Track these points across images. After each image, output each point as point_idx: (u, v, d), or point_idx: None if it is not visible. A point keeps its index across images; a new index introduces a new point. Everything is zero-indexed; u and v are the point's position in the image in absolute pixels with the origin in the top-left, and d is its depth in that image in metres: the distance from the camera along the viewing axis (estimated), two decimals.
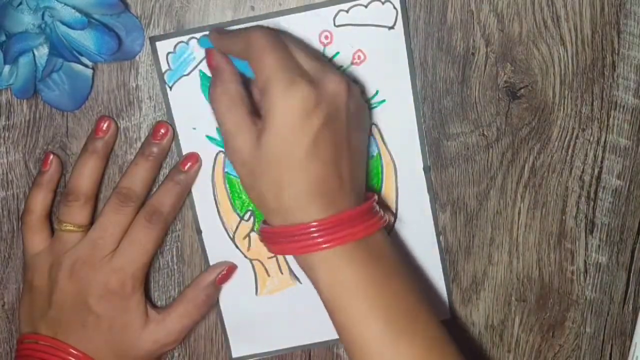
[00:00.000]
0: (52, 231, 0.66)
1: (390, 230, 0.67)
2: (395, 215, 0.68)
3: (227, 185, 0.67)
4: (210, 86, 0.62)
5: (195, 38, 0.65)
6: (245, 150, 0.59)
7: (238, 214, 0.67)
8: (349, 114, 0.60)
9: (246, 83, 0.62)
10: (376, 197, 0.62)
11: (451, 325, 0.69)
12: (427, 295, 0.67)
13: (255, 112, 0.60)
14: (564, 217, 0.68)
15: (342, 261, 0.58)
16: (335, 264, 0.58)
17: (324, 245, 0.57)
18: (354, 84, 0.61)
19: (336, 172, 0.58)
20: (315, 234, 0.57)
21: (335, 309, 0.58)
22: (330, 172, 0.58)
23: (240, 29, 0.63)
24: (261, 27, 0.61)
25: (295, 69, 0.58)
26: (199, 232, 0.68)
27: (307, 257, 0.59)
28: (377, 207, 0.61)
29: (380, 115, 0.66)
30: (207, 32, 0.65)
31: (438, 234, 0.68)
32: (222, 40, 0.62)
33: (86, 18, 0.61)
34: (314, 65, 0.59)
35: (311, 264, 0.58)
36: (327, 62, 0.61)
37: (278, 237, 0.59)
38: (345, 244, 0.57)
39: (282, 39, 0.60)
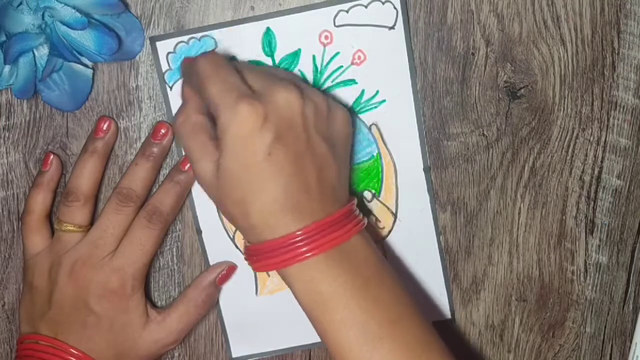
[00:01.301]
0: (52, 231, 0.66)
1: (388, 233, 0.67)
2: (395, 215, 0.68)
3: None
4: (175, 118, 0.62)
5: (195, 38, 0.65)
6: (208, 175, 0.59)
7: None
8: (307, 121, 0.58)
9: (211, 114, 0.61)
10: (355, 201, 0.61)
11: (451, 326, 0.69)
12: (426, 296, 0.67)
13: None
14: (564, 217, 0.68)
15: (316, 271, 0.57)
16: (309, 275, 0.57)
17: (292, 260, 0.57)
18: (313, 90, 0.60)
19: (300, 183, 0.58)
20: (285, 249, 0.57)
21: (313, 319, 0.58)
22: (293, 183, 0.57)
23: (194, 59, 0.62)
24: (208, 54, 0.61)
25: (238, 88, 0.58)
26: (199, 232, 0.68)
27: (281, 272, 0.58)
28: (356, 212, 0.60)
29: (380, 116, 0.66)
30: (206, 34, 0.65)
31: (438, 234, 0.68)
32: (184, 75, 0.63)
33: (86, 18, 0.61)
34: (262, 82, 0.59)
35: (287, 276, 0.58)
36: (281, 77, 0.60)
37: (257, 255, 0.59)
38: (317, 255, 0.57)
39: (227, 63, 0.60)
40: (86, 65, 0.64)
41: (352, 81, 0.66)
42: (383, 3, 0.65)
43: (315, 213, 0.58)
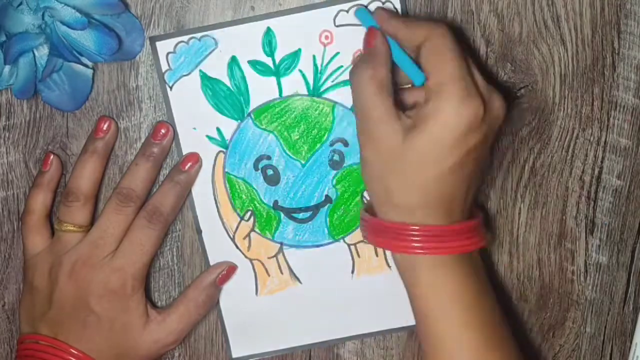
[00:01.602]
0: (53, 231, 0.66)
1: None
2: None
3: (227, 185, 0.67)
4: (359, 65, 0.60)
5: (196, 38, 0.65)
6: (387, 142, 0.58)
7: (238, 214, 0.67)
8: (494, 137, 0.60)
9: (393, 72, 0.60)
10: (482, 216, 0.62)
11: None
12: None
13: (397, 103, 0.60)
14: (564, 217, 0.68)
15: (447, 269, 0.58)
16: (440, 270, 0.58)
17: (430, 251, 0.58)
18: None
19: (466, 187, 0.59)
20: (425, 238, 0.58)
21: (430, 314, 0.59)
22: (462, 185, 0.59)
23: (414, 19, 0.61)
24: (443, 25, 0.59)
25: (472, 83, 0.57)
26: (199, 232, 0.68)
27: (410, 257, 0.59)
28: (482, 226, 0.62)
29: None
30: (206, 33, 0.65)
31: None
32: (392, 22, 0.61)
33: (86, 18, 0.61)
34: (483, 84, 0.59)
35: (413, 264, 0.59)
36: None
37: (386, 231, 0.59)
38: (454, 253, 0.58)
39: (461, 46, 0.59)
40: (86, 66, 0.64)
41: None
42: (383, 3, 0.65)
43: (457, 215, 0.59)
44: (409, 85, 0.62)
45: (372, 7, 0.64)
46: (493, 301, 0.61)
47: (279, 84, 0.66)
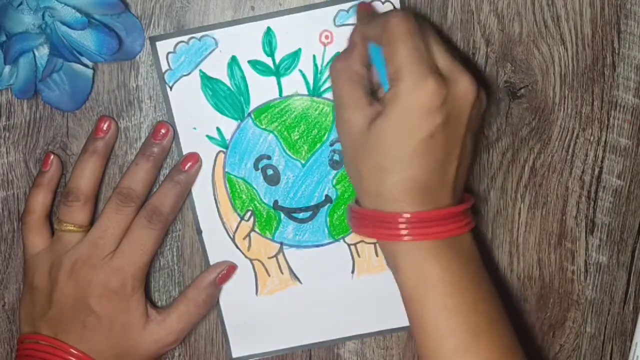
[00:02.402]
0: (53, 231, 0.66)
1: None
2: None
3: (227, 185, 0.67)
4: (335, 59, 0.61)
5: (196, 38, 0.65)
6: (356, 126, 0.59)
7: (238, 214, 0.67)
8: (471, 117, 0.59)
9: (368, 68, 0.61)
10: (473, 201, 0.62)
11: None
12: None
13: (372, 95, 0.60)
14: (564, 217, 0.68)
15: (428, 255, 0.58)
16: (420, 256, 0.58)
17: (408, 238, 0.58)
18: (482, 88, 0.60)
19: (441, 172, 0.58)
20: (405, 225, 0.57)
21: (413, 299, 0.58)
22: (435, 170, 0.58)
23: (381, 13, 0.62)
24: (402, 12, 0.59)
25: (428, 63, 0.57)
26: (199, 232, 0.68)
27: (390, 245, 0.59)
28: (469, 210, 0.61)
29: None
30: (207, 33, 0.65)
31: None
32: (362, 22, 0.62)
33: (86, 18, 0.61)
34: (447, 63, 0.58)
35: (395, 252, 0.59)
36: (459, 60, 0.60)
37: (366, 220, 0.59)
38: (434, 239, 0.58)
39: (420, 28, 0.58)
40: (86, 65, 0.64)
41: None
42: (383, 3, 0.65)
43: (441, 201, 0.59)
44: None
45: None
46: (481, 284, 0.60)
47: (279, 83, 0.66)
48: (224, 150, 0.67)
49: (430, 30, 0.60)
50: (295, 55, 0.66)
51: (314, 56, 0.66)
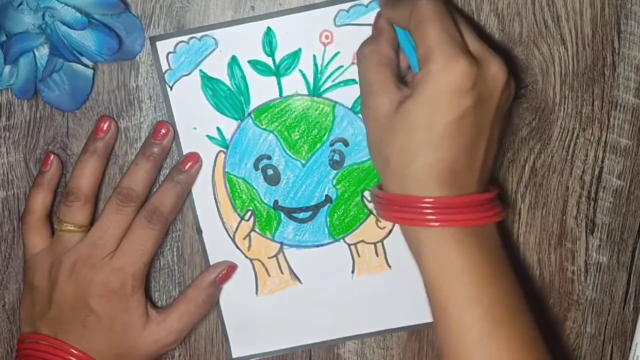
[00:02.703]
0: (53, 231, 0.66)
1: (389, 232, 0.67)
2: None
3: (228, 185, 0.67)
4: (362, 44, 0.61)
5: (196, 38, 0.65)
6: (383, 110, 0.58)
7: (238, 214, 0.67)
8: (500, 102, 0.58)
9: (397, 51, 0.61)
10: (498, 191, 0.61)
11: None
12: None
13: (400, 80, 0.60)
14: (564, 217, 0.68)
15: (451, 242, 0.57)
16: (444, 243, 0.57)
17: (435, 224, 0.57)
18: (512, 75, 0.60)
19: (469, 156, 0.58)
20: (430, 210, 0.57)
21: (435, 287, 0.58)
22: (463, 154, 0.57)
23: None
24: None
25: (459, 43, 0.57)
26: (199, 232, 0.68)
27: (415, 230, 0.58)
28: (497, 201, 0.60)
29: None
30: (207, 33, 0.65)
31: None
32: (387, 6, 0.62)
33: (86, 18, 0.61)
34: (478, 45, 0.58)
35: (419, 237, 0.58)
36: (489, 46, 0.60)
37: (392, 204, 0.59)
38: (458, 226, 0.57)
39: (449, 10, 0.58)
40: (86, 65, 0.64)
41: (353, 81, 0.66)
42: None
43: (468, 187, 0.58)
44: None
45: (372, 6, 0.65)
46: (505, 275, 0.59)
47: (279, 83, 0.66)
48: (224, 150, 0.67)
49: (459, 14, 0.60)
50: (296, 55, 0.66)
51: (314, 56, 0.66)
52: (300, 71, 0.66)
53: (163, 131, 0.66)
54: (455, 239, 0.57)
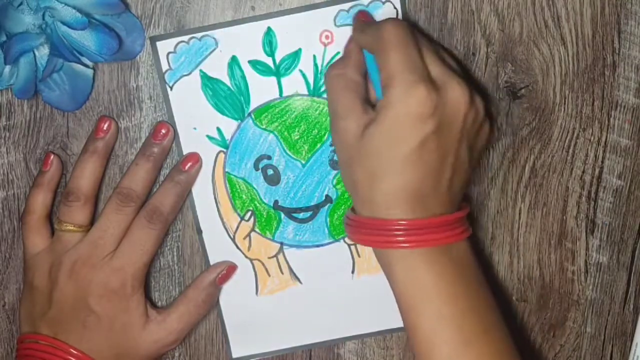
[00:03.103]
0: (53, 231, 0.66)
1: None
2: None
3: (228, 185, 0.67)
4: (330, 67, 0.62)
5: (196, 38, 0.65)
6: (350, 134, 0.59)
7: (238, 214, 0.67)
8: (465, 125, 0.59)
9: (365, 76, 0.62)
10: (468, 209, 0.62)
11: None
12: None
13: (368, 103, 0.60)
14: (564, 217, 0.68)
15: (422, 262, 0.58)
16: (414, 263, 0.58)
17: (404, 245, 0.58)
18: (478, 97, 0.60)
19: (433, 179, 0.58)
20: (399, 233, 0.58)
21: (407, 307, 0.59)
22: (427, 178, 0.58)
23: (376, 22, 0.62)
24: (395, 20, 0.60)
25: (420, 71, 0.57)
26: (199, 232, 0.68)
27: (384, 252, 0.59)
28: (465, 220, 0.61)
29: None
30: (207, 33, 0.65)
31: None
32: (357, 30, 0.63)
33: (87, 18, 0.61)
34: (440, 71, 0.59)
35: (389, 259, 0.59)
36: (454, 69, 0.61)
37: (361, 227, 0.59)
38: (427, 247, 0.58)
39: (413, 37, 0.59)
40: (87, 65, 0.64)
41: None
42: (383, 3, 0.65)
43: (434, 209, 0.59)
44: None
45: (372, 6, 0.64)
46: (476, 292, 0.60)
47: (279, 83, 0.66)
48: (224, 150, 0.67)
49: (424, 38, 0.60)
50: (296, 55, 0.66)
51: (314, 56, 0.66)
52: (301, 71, 0.66)
53: (163, 131, 0.66)
54: (425, 258, 0.58)
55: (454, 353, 0.57)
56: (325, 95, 0.66)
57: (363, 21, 0.63)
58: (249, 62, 0.66)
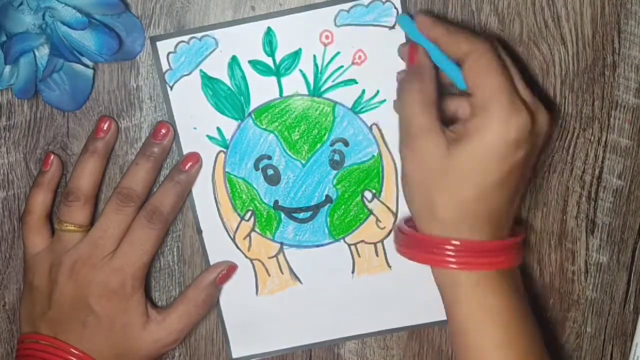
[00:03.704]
0: (53, 231, 0.66)
1: (389, 232, 0.67)
2: (395, 215, 0.68)
3: (228, 185, 0.67)
4: (405, 79, 0.61)
5: (196, 38, 0.65)
6: (429, 154, 0.58)
7: (238, 214, 0.67)
8: (537, 149, 0.60)
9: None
10: (524, 235, 0.62)
11: None
12: (427, 295, 0.67)
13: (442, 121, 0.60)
14: (564, 217, 0.68)
15: (488, 285, 0.59)
16: (481, 286, 0.59)
17: (468, 266, 0.58)
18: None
19: (509, 204, 0.59)
20: (467, 253, 0.58)
21: (470, 330, 0.59)
22: (505, 203, 0.59)
23: (455, 28, 0.60)
24: (488, 41, 0.59)
25: (518, 97, 0.57)
26: (199, 232, 0.68)
27: (451, 274, 0.59)
28: (522, 243, 0.62)
29: (380, 116, 0.66)
30: (207, 33, 0.65)
31: None
32: (435, 30, 0.61)
33: (87, 18, 0.61)
34: (528, 96, 0.59)
35: (454, 280, 0.59)
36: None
37: (427, 245, 0.59)
38: (495, 269, 0.58)
39: (503, 59, 0.59)
40: (87, 66, 0.64)
41: (353, 81, 0.66)
42: (383, 3, 0.65)
43: (503, 229, 0.60)
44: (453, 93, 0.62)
45: (373, 6, 0.65)
46: (531, 318, 0.61)
47: (279, 83, 0.66)
48: (225, 150, 0.67)
49: (512, 62, 0.60)
50: (296, 55, 0.66)
51: (314, 56, 0.66)
52: (301, 71, 0.66)
53: (163, 131, 0.66)
54: (492, 281, 0.59)
55: None
56: (325, 96, 0.66)
57: (429, 25, 0.61)
58: (249, 62, 0.66)
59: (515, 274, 0.61)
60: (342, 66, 0.66)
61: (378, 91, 0.66)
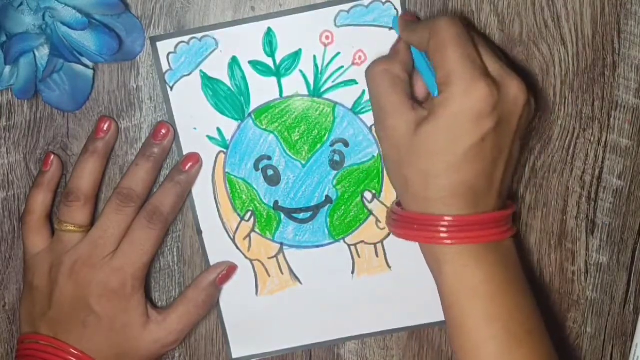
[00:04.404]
0: (53, 231, 0.66)
1: (389, 233, 0.67)
2: None
3: (228, 186, 0.67)
4: (373, 63, 0.61)
5: (196, 38, 0.65)
6: (400, 132, 0.59)
7: (238, 214, 0.67)
8: (520, 122, 0.59)
9: (410, 75, 0.62)
10: (515, 207, 0.62)
11: None
12: (427, 295, 0.67)
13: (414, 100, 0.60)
14: (564, 218, 0.68)
15: (471, 259, 0.58)
16: (463, 261, 0.58)
17: (452, 241, 0.58)
18: (532, 93, 0.60)
19: (488, 176, 0.59)
20: (450, 229, 0.58)
21: (453, 305, 0.59)
22: (482, 175, 0.58)
23: (425, 20, 0.62)
24: (450, 17, 0.59)
25: (479, 67, 0.57)
26: (199, 232, 0.68)
27: (435, 248, 0.59)
28: (511, 218, 0.61)
29: None
30: (207, 34, 0.65)
31: None
32: (405, 29, 0.62)
33: (87, 19, 0.61)
34: (498, 67, 0.59)
35: (439, 255, 0.59)
36: (509, 65, 0.61)
37: (412, 223, 0.59)
38: (478, 243, 0.58)
39: (469, 33, 0.59)
40: (87, 66, 0.64)
41: (353, 81, 0.66)
42: (384, 3, 0.65)
43: (485, 206, 0.59)
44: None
45: (373, 7, 0.65)
46: (522, 292, 0.60)
47: (279, 84, 0.66)
48: (225, 150, 0.67)
49: (478, 34, 0.60)
50: (296, 55, 0.66)
51: (314, 57, 0.66)
52: (301, 72, 0.66)
53: (163, 131, 0.66)
54: (473, 255, 0.58)
55: (499, 352, 0.57)
56: (325, 96, 0.66)
57: (407, 21, 0.63)
58: (250, 62, 0.66)
59: (506, 247, 0.60)
60: (342, 67, 0.66)
61: None
